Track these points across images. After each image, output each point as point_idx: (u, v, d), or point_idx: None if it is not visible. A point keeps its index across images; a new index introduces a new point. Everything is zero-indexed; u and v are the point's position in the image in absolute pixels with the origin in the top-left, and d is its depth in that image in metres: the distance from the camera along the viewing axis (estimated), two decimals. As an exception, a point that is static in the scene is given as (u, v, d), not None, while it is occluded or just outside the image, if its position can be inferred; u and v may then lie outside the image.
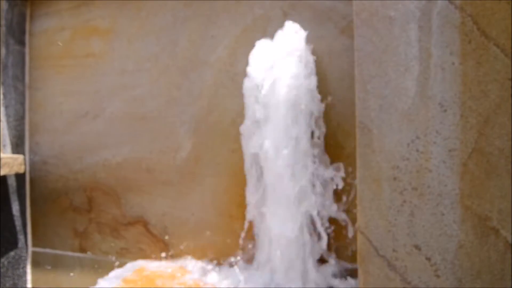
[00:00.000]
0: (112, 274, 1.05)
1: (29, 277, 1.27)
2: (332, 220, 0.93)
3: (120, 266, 1.13)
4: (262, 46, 0.94)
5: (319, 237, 0.90)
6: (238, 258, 1.01)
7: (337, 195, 0.93)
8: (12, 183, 1.22)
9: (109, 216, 1.19)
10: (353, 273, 0.90)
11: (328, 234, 0.91)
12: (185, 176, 1.11)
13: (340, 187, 0.91)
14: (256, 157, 0.93)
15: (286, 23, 0.92)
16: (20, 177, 1.24)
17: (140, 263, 1.12)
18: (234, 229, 1.03)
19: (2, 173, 1.11)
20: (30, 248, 1.27)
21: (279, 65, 0.88)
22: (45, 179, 1.26)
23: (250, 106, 0.93)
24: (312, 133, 0.91)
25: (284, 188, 0.87)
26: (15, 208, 1.23)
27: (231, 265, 1.03)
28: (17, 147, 1.24)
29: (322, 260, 0.93)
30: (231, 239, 1.03)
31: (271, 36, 0.94)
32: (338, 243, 0.94)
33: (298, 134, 0.87)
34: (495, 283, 0.61)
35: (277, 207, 0.88)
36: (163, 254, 1.12)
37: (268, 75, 0.89)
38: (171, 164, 1.12)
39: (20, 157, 1.20)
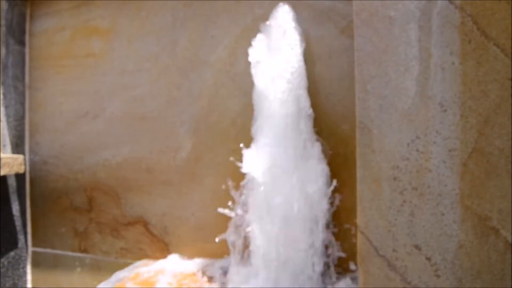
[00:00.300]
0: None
1: (29, 277, 1.27)
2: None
3: (120, 266, 1.13)
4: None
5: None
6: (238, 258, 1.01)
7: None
8: (12, 183, 1.22)
9: (109, 216, 1.19)
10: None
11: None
12: (185, 176, 1.11)
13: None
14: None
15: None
16: (20, 177, 1.24)
17: (141, 263, 1.12)
18: (234, 229, 1.02)
19: (2, 173, 1.11)
20: (30, 248, 1.27)
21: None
22: (45, 179, 1.26)
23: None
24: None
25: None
26: (15, 208, 1.23)
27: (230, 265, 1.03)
28: (17, 147, 1.24)
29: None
30: (231, 239, 1.03)
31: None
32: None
33: None
34: (495, 283, 0.61)
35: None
36: (163, 254, 1.12)
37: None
38: (171, 164, 1.12)
39: (20, 157, 1.20)
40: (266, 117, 0.87)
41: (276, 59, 0.88)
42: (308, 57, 0.95)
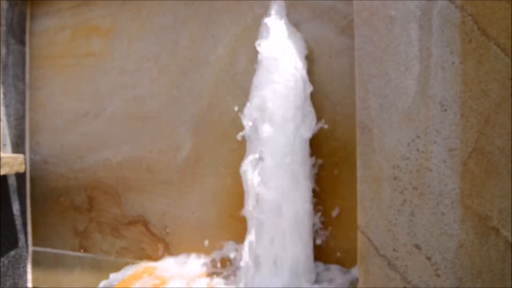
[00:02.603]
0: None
1: (29, 276, 1.27)
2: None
3: (120, 265, 1.13)
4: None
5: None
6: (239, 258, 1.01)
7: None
8: (12, 182, 1.22)
9: (109, 216, 1.19)
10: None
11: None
12: (185, 175, 1.11)
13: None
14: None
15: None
16: (20, 176, 1.24)
17: (141, 263, 1.12)
18: (235, 228, 1.02)
19: (3, 172, 1.11)
20: (31, 248, 1.27)
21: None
22: (46, 179, 1.26)
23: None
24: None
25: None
26: (16, 207, 1.23)
27: (231, 265, 1.03)
28: (18, 146, 1.24)
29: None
30: (232, 238, 1.03)
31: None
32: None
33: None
34: (496, 283, 0.61)
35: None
36: (164, 254, 1.12)
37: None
38: (172, 163, 1.12)
39: (20, 156, 1.20)
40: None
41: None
42: (308, 56, 0.95)
